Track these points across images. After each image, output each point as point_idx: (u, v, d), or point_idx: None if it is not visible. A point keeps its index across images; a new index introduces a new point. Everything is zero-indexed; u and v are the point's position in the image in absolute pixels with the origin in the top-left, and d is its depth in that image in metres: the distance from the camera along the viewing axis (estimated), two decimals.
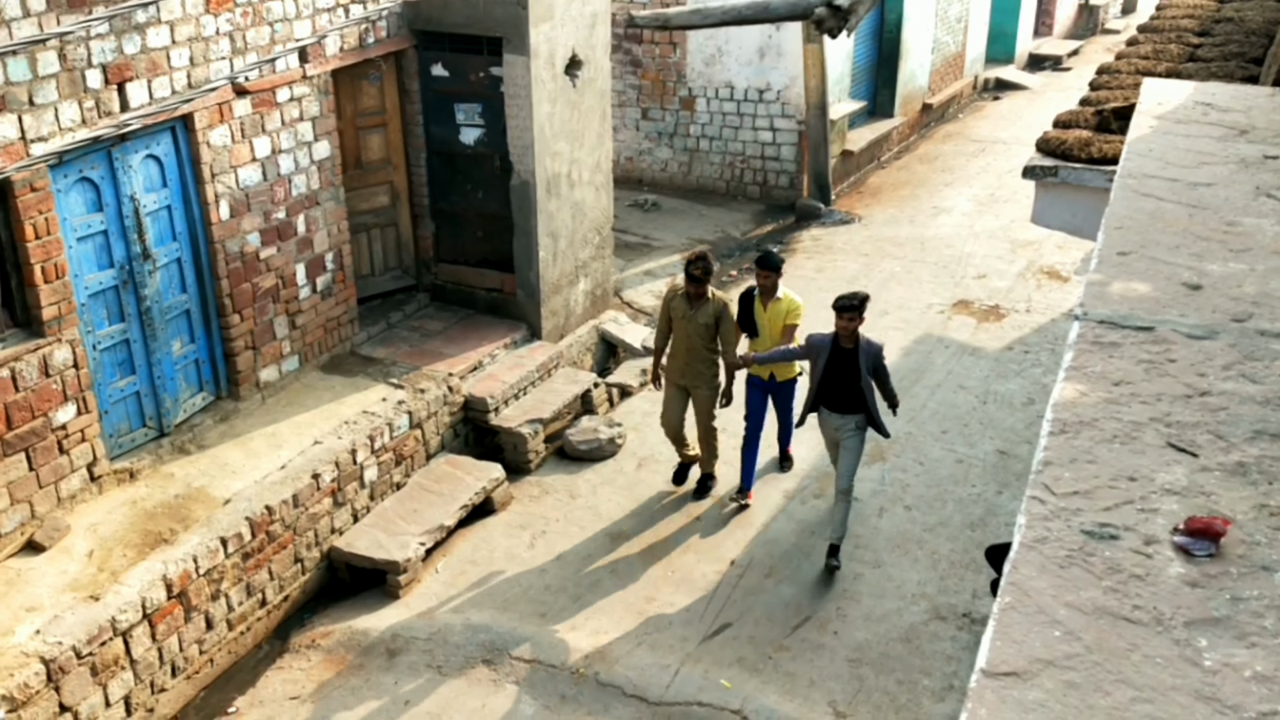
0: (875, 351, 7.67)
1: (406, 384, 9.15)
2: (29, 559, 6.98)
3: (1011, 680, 1.33)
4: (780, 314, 8.38)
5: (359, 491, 8.45)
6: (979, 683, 1.35)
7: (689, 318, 8.36)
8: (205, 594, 7.22)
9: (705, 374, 8.55)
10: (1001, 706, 1.28)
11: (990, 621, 1.46)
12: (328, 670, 7.50)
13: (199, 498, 7.62)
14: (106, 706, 6.68)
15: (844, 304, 7.52)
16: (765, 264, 8.44)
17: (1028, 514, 1.70)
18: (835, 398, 7.80)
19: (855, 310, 7.49)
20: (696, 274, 8.20)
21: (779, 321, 8.37)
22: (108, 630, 6.59)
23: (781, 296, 8.41)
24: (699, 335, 8.39)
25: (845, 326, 7.51)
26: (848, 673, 7.31)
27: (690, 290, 8.31)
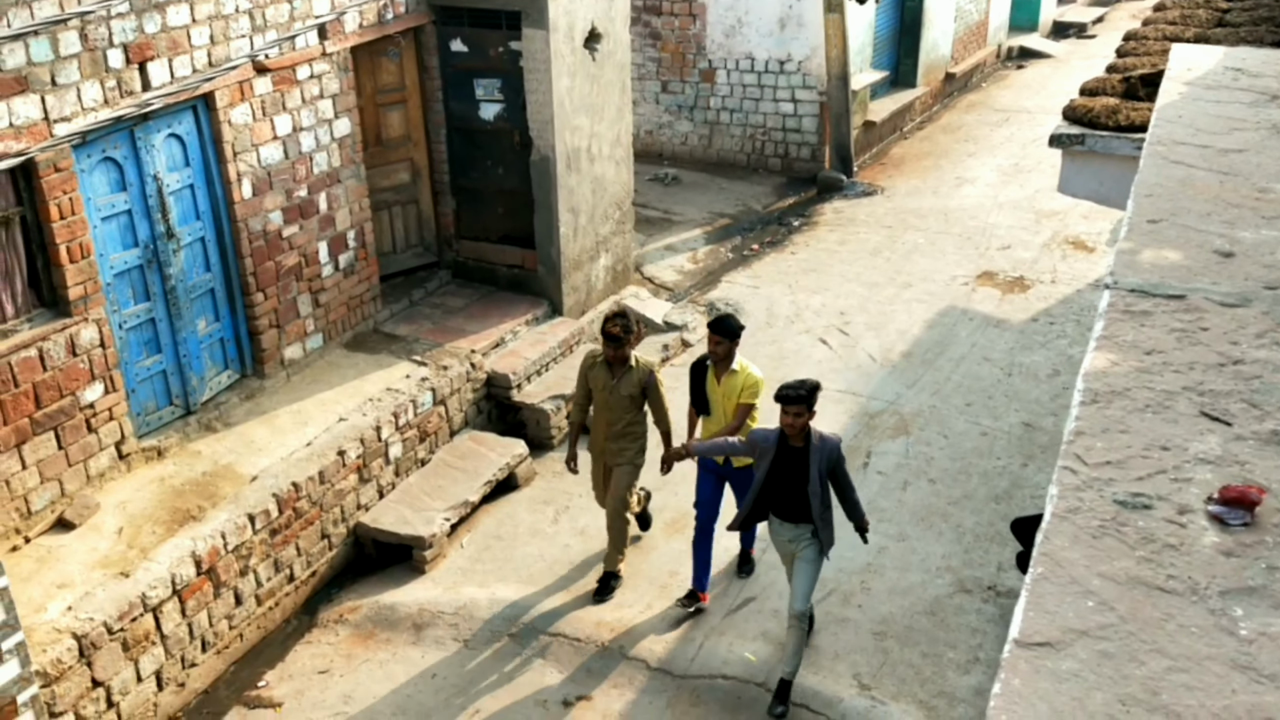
0: (831, 451, 6.42)
1: (429, 361, 9.17)
2: (59, 536, 7.06)
3: (1045, 650, 1.32)
4: (735, 390, 7.10)
5: (384, 468, 8.49)
6: (1012, 653, 1.34)
7: (610, 388, 7.29)
8: (234, 570, 7.28)
9: (629, 450, 7.48)
10: (1035, 676, 1.28)
11: (1023, 592, 1.45)
12: (355, 645, 7.56)
13: (226, 475, 7.68)
14: (138, 681, 6.76)
15: (788, 395, 6.24)
16: (718, 327, 7.08)
17: (1060, 484, 1.68)
18: (784, 505, 6.60)
19: (802, 402, 6.24)
20: (614, 332, 7.08)
21: (733, 398, 7.11)
22: (138, 606, 6.65)
23: (738, 369, 7.11)
24: (621, 409, 7.33)
25: (791, 423, 6.27)
26: (872, 645, 7.31)
27: (609, 354, 7.19)
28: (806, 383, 6.31)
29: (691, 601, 7.53)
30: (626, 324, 7.14)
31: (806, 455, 6.39)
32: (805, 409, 6.26)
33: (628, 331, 7.13)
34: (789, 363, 10.64)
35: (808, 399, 6.25)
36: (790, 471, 6.45)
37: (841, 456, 6.48)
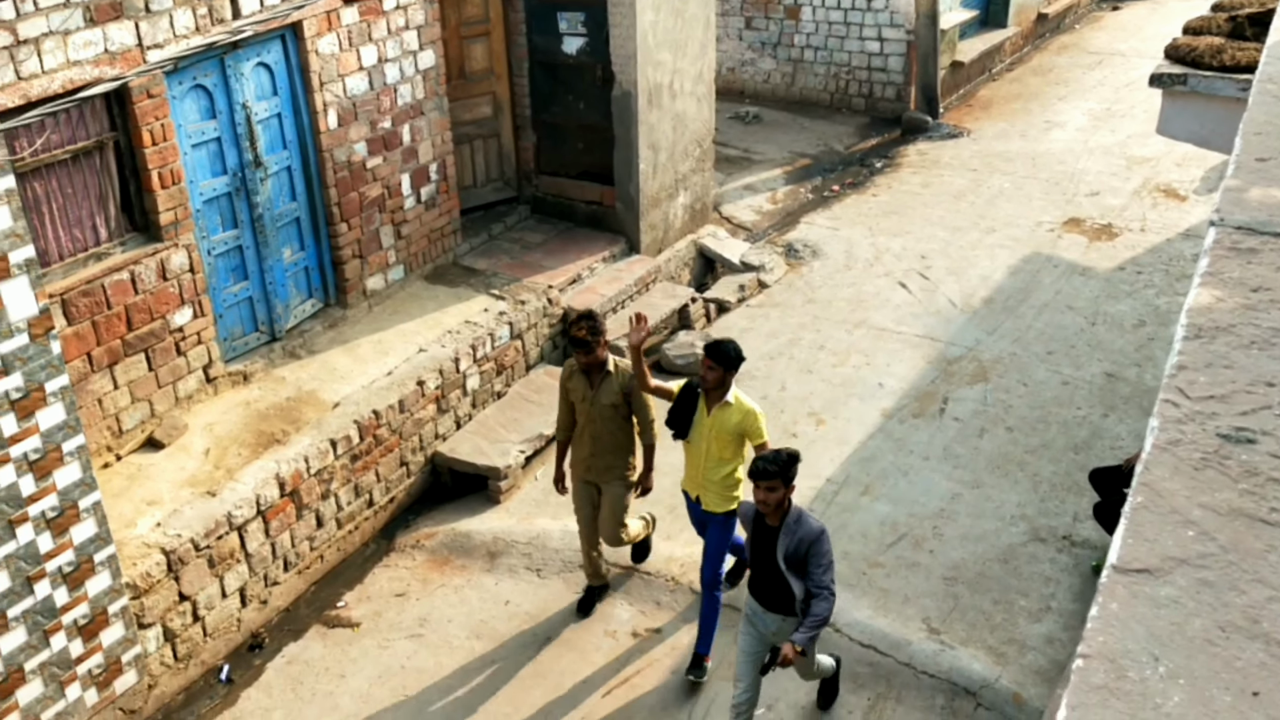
0: (805, 535, 5.49)
1: (507, 295, 9.24)
2: (149, 455, 7.29)
3: (1144, 577, 1.31)
4: (727, 425, 6.27)
5: (461, 399, 8.61)
6: (1110, 578, 1.33)
7: (590, 399, 6.65)
8: (316, 493, 7.47)
9: (617, 465, 6.81)
10: (1133, 601, 1.27)
11: (1122, 520, 1.44)
12: (431, 570, 7.73)
13: (309, 401, 7.85)
14: (223, 597, 7.00)
15: (759, 469, 5.41)
16: (714, 352, 6.19)
17: (1161, 417, 1.66)
18: (761, 588, 5.82)
19: (774, 477, 5.39)
20: (579, 335, 6.44)
21: (725, 434, 6.28)
22: (224, 525, 6.87)
23: (732, 401, 6.27)
24: (605, 419, 6.67)
25: (763, 499, 5.46)
26: (943, 590, 7.29)
27: (580, 360, 6.58)
28: (781, 454, 5.46)
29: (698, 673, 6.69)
30: (594, 325, 6.49)
31: (777, 535, 5.55)
32: (780, 484, 5.42)
33: (595, 334, 6.47)
34: (867, 305, 10.54)
35: (782, 473, 5.41)
36: (765, 552, 5.66)
37: (818, 546, 5.48)
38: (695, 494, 6.57)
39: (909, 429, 8.84)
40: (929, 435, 8.74)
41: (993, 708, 6.46)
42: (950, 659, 6.74)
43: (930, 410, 9.04)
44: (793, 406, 9.17)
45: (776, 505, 5.47)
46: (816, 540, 5.48)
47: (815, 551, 5.47)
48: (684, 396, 6.41)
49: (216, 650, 7.02)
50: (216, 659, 7.01)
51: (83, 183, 6.82)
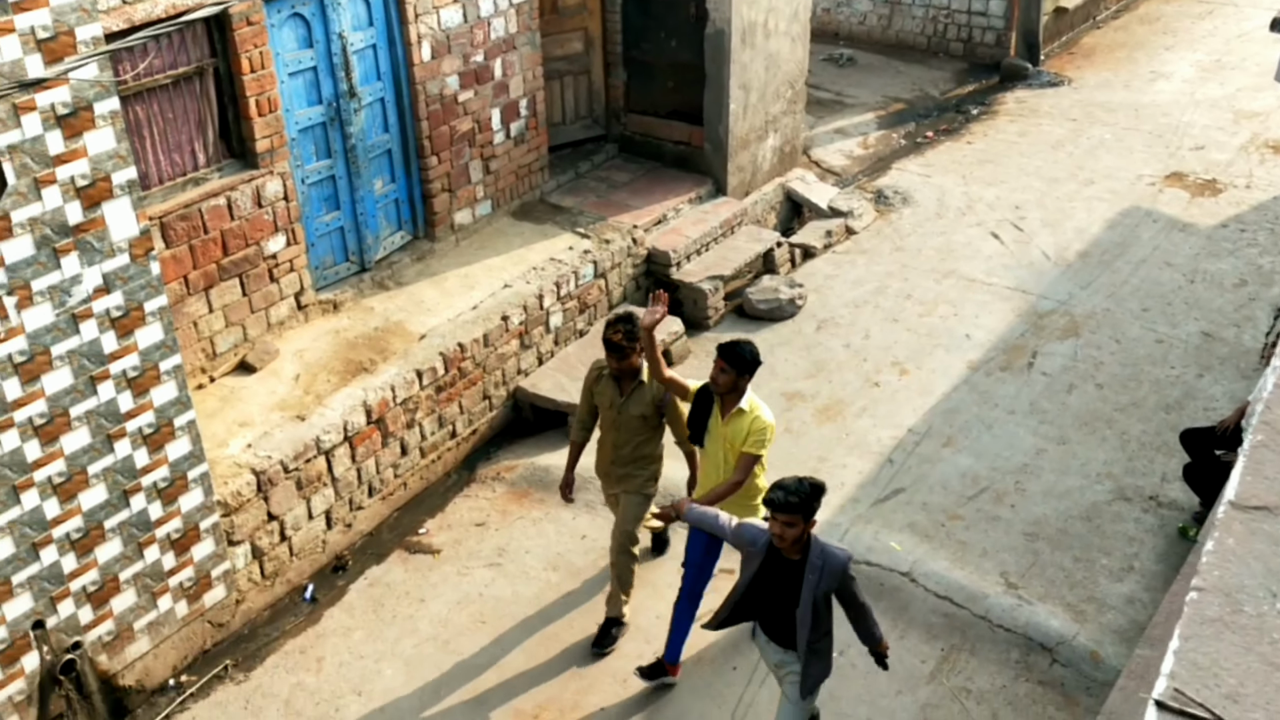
0: (834, 570, 5.02)
1: (592, 234, 9.23)
2: (242, 378, 7.47)
3: (1262, 514, 1.27)
4: (740, 434, 5.81)
5: (544, 336, 8.66)
6: (1227, 514, 1.29)
7: (618, 407, 6.20)
8: (401, 422, 7.60)
9: (637, 477, 6.39)
10: (1250, 538, 1.23)
11: (1240, 459, 1.39)
12: (511, 502, 7.84)
13: (397, 331, 7.96)
14: (309, 519, 7.18)
15: (778, 500, 4.84)
16: (727, 354, 5.72)
17: None
18: (772, 620, 5.31)
19: (795, 511, 4.85)
20: (614, 339, 5.99)
21: (737, 443, 5.83)
22: (312, 448, 7.02)
23: (747, 409, 5.81)
24: (630, 429, 6.23)
25: (780, 534, 4.91)
26: (1023, 546, 7.20)
27: (612, 366, 6.12)
28: (805, 484, 4.87)
29: (656, 674, 6.35)
30: (631, 330, 5.97)
31: (800, 573, 5.04)
32: (800, 519, 4.87)
33: (632, 338, 5.97)
34: (957, 255, 10.35)
35: (803, 506, 4.84)
36: (779, 586, 5.13)
37: (849, 578, 5.07)
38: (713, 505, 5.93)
39: (995, 382, 8.70)
40: (1015, 389, 8.58)
41: (1069, 664, 6.39)
42: (1027, 614, 6.68)
43: (1018, 364, 8.87)
44: (876, 355, 9.07)
45: (795, 541, 4.91)
46: (844, 573, 5.02)
47: (848, 579, 5.06)
48: (700, 400, 5.97)
49: (302, 570, 7.22)
50: (302, 578, 7.21)
51: (183, 108, 6.94)
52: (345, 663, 6.63)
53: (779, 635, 5.29)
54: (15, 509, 5.43)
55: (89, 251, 5.38)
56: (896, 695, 6.29)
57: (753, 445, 5.78)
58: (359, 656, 6.66)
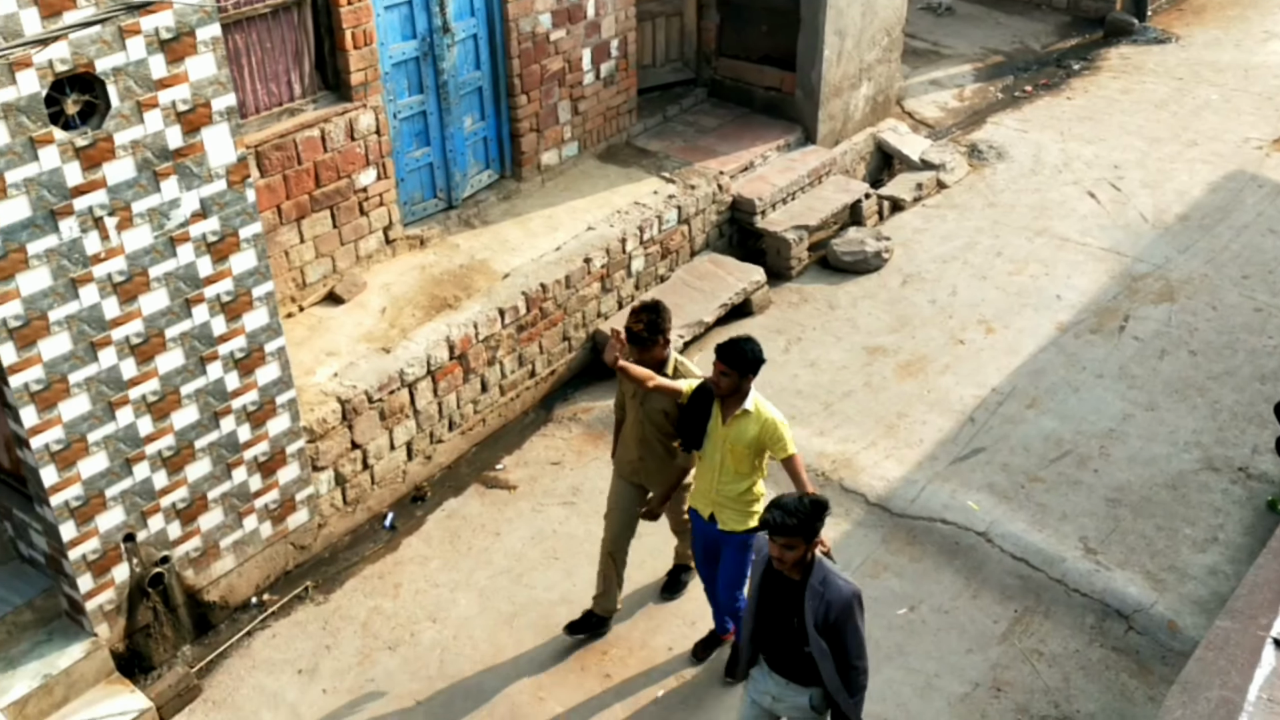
0: (836, 602, 4.54)
1: (678, 179, 9.18)
2: (330, 309, 7.60)
3: None
4: (744, 437, 5.41)
5: (625, 280, 8.66)
6: None
7: (640, 397, 5.82)
8: (482, 359, 7.68)
9: (662, 476, 6.00)
10: None
11: None
12: (586, 443, 7.90)
13: (481, 269, 8.02)
14: (391, 449, 7.31)
15: (775, 521, 4.43)
16: (727, 354, 5.26)
17: None
18: (773, 648, 4.86)
19: (794, 533, 4.41)
20: (635, 329, 5.53)
21: (741, 446, 5.43)
22: (396, 380, 7.14)
23: (751, 410, 5.39)
24: (655, 425, 5.84)
25: (779, 557, 4.51)
26: (1104, 511, 7.08)
27: (634, 358, 5.62)
28: (805, 502, 4.45)
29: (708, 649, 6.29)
30: (655, 320, 5.55)
31: (802, 595, 4.59)
32: (801, 541, 4.44)
33: (655, 330, 5.54)
34: (1051, 214, 10.10)
35: (803, 527, 4.41)
36: (778, 607, 4.69)
37: (852, 612, 4.55)
38: (708, 511, 5.67)
39: (1084, 344, 8.51)
40: (1105, 353, 8.39)
41: (1145, 633, 6.30)
42: (1105, 580, 6.58)
43: (1109, 327, 8.67)
44: (962, 313, 8.92)
45: (795, 564, 4.52)
46: (847, 607, 4.54)
47: (847, 624, 4.56)
48: (697, 400, 5.51)
49: (382, 498, 7.37)
50: (382, 506, 7.37)
51: (280, 38, 7.01)
52: (421, 590, 6.77)
53: (783, 666, 4.80)
54: (110, 425, 5.61)
55: (188, 176, 5.49)
56: (966, 653, 6.26)
57: (782, 448, 5.41)
58: (435, 585, 6.80)
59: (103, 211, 5.23)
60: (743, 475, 5.54)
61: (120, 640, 6.08)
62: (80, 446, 5.51)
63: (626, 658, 6.30)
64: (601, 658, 6.29)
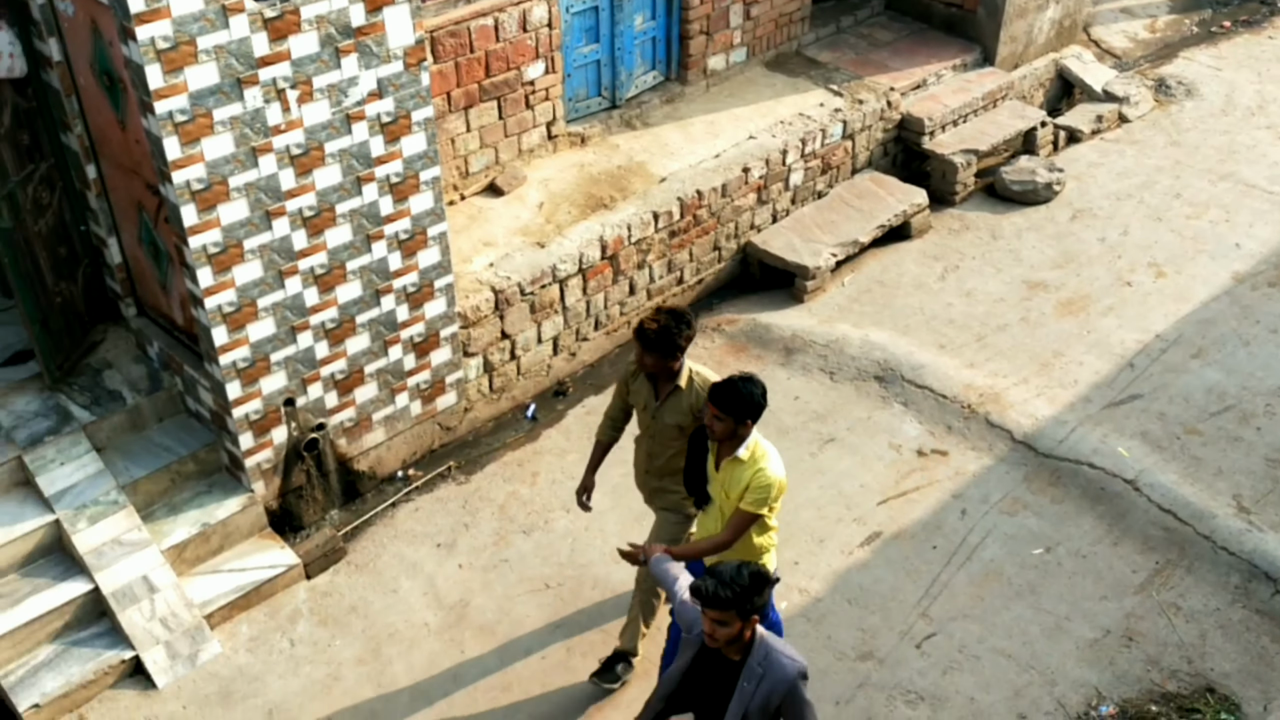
0: (780, 683, 3.99)
1: (845, 92, 8.95)
2: (489, 200, 7.72)
3: None
4: (737, 485, 4.77)
5: (782, 193, 8.54)
6: None
7: (652, 410, 5.23)
8: (633, 261, 7.71)
9: (673, 493, 5.39)
10: None
11: None
12: (728, 354, 7.90)
13: (638, 171, 8.01)
14: (538, 342, 7.45)
15: (705, 593, 3.86)
16: (721, 397, 4.62)
17: None
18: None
19: (727, 606, 3.85)
20: (649, 327, 4.91)
21: (734, 495, 4.80)
22: (548, 275, 7.24)
23: (745, 457, 4.73)
24: (666, 438, 5.24)
25: (711, 633, 3.93)
26: (1262, 470, 6.78)
27: (645, 364, 5.07)
28: (744, 574, 3.86)
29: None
30: (670, 330, 4.89)
31: (736, 675, 4.05)
32: (735, 616, 3.86)
33: (667, 341, 4.91)
34: (1239, 158, 9.54)
35: (738, 601, 3.83)
36: (711, 688, 4.16)
37: (797, 694, 3.99)
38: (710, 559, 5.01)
39: (1261, 297, 8.07)
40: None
41: None
42: (1256, 540, 6.32)
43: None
44: (1132, 253, 8.55)
45: (729, 642, 3.94)
46: (791, 689, 3.97)
47: (793, 709, 4.01)
48: (694, 445, 4.96)
49: (526, 389, 7.54)
50: (525, 397, 7.54)
51: None
52: (557, 480, 6.94)
53: None
54: (279, 293, 5.85)
55: (367, 55, 5.61)
56: (1100, 600, 6.12)
57: (751, 503, 4.71)
58: (570, 477, 6.95)
59: (285, 84, 5.39)
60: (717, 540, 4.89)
61: (274, 498, 6.42)
62: (250, 311, 5.77)
63: None
64: None
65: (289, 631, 6.04)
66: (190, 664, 5.79)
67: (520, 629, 6.05)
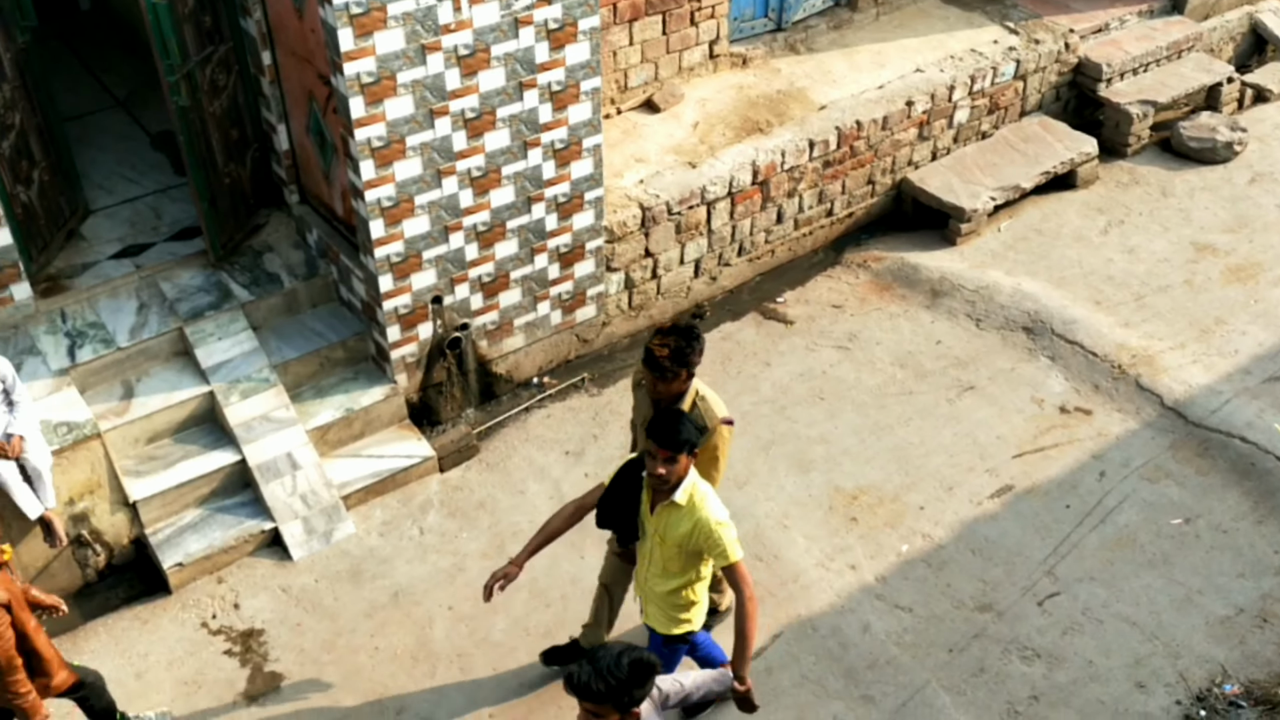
0: None
1: (1022, 31, 8.58)
2: (645, 116, 7.69)
3: None
4: (671, 535, 4.33)
5: (944, 130, 8.29)
6: None
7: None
8: (783, 189, 7.61)
9: None
10: None
11: None
12: (871, 291, 7.78)
13: (798, 97, 7.87)
14: (680, 263, 7.44)
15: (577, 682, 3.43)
16: (659, 430, 4.14)
17: None
18: None
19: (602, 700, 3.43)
20: (659, 354, 4.46)
21: (669, 542, 4.36)
22: (697, 196, 7.20)
23: (682, 502, 4.25)
24: None
25: None
26: None
27: (648, 385, 4.64)
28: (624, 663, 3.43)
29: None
30: (684, 349, 4.48)
31: None
32: (612, 709, 3.46)
33: (681, 361, 4.47)
34: None
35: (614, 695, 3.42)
36: None
37: None
38: (638, 593, 4.71)
39: None
40: None
41: None
42: None
43: None
44: None
45: None
46: None
47: None
48: (624, 477, 4.42)
49: (664, 309, 7.56)
50: (663, 317, 7.56)
51: None
52: None
53: None
54: (436, 192, 5.96)
55: None
56: (1238, 577, 5.90)
57: (721, 557, 4.25)
58: None
59: None
60: (671, 574, 4.48)
61: (415, 392, 6.62)
62: (407, 207, 5.91)
63: (876, 506, 6.32)
64: (851, 502, 6.33)
65: (419, 520, 6.26)
66: (325, 540, 6.06)
67: None
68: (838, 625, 5.71)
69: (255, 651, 5.61)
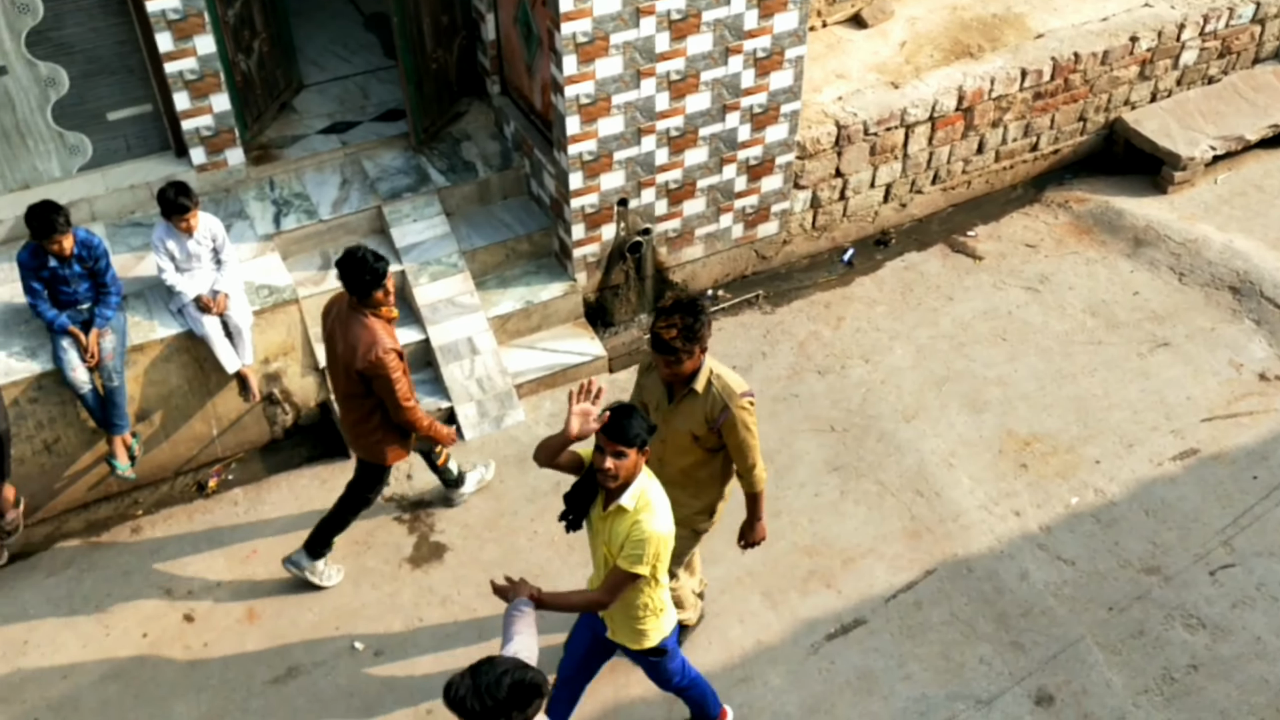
0: None
1: None
2: (850, 31, 7.48)
3: None
4: (619, 535, 3.99)
5: (1169, 71, 7.79)
6: None
7: (664, 412, 4.50)
8: (988, 118, 7.32)
9: (686, 506, 4.62)
10: None
11: None
12: (1069, 233, 7.45)
13: (1015, 23, 7.51)
14: (870, 186, 7.27)
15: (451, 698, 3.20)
16: (613, 429, 3.83)
17: None
18: None
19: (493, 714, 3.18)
20: (667, 336, 4.21)
21: (614, 545, 4.02)
22: (896, 118, 6.99)
23: (629, 506, 3.94)
24: (678, 447, 4.55)
25: None
26: None
27: (660, 369, 4.39)
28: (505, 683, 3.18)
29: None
30: (693, 326, 4.22)
31: None
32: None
33: (690, 338, 4.23)
34: None
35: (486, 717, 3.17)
36: None
37: None
38: None
39: None
40: None
41: None
42: None
43: None
44: None
45: None
46: None
47: None
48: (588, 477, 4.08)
49: (847, 233, 7.42)
50: (845, 240, 7.43)
51: None
52: (861, 329, 6.87)
53: None
54: (634, 92, 5.96)
55: None
56: None
57: (627, 560, 3.97)
58: (875, 328, 6.87)
59: None
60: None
61: (593, 291, 6.72)
62: (604, 105, 5.93)
63: (1049, 455, 6.13)
64: (1023, 448, 6.16)
65: None
66: (496, 425, 6.27)
67: (798, 463, 6.14)
68: (994, 569, 5.61)
69: (423, 521, 5.89)
